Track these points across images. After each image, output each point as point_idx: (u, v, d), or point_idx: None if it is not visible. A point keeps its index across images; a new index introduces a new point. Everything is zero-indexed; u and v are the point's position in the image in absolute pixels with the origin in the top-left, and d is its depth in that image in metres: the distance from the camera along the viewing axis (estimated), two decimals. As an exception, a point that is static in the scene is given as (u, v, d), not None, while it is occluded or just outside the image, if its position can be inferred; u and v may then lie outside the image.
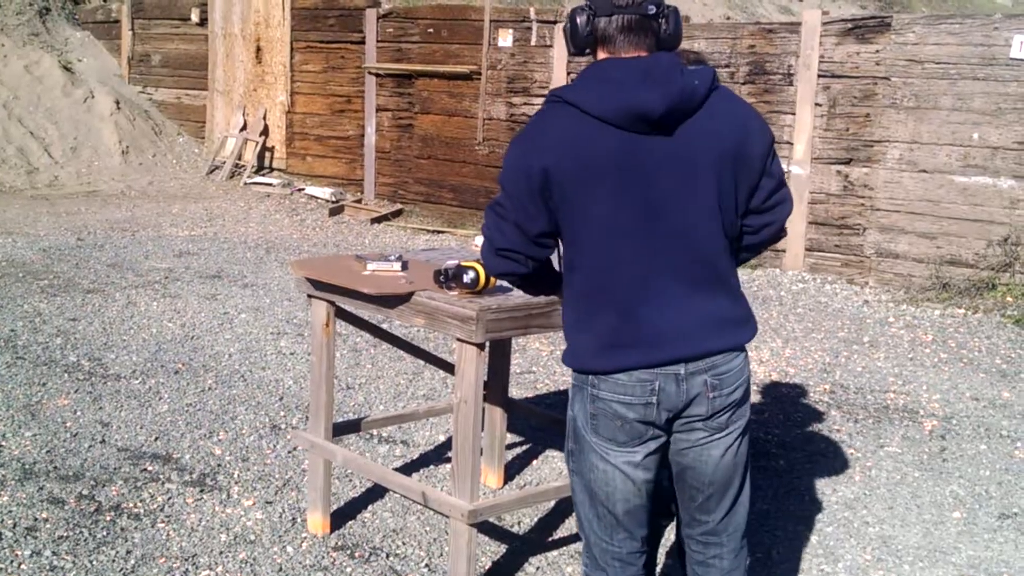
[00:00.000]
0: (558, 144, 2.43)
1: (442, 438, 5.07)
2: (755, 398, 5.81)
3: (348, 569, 3.77)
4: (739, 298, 2.59)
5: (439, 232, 10.98)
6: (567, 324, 2.60)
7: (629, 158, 2.40)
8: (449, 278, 3.28)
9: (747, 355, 2.62)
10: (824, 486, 4.66)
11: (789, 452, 5.05)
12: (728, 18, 22.64)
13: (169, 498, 4.27)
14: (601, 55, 2.49)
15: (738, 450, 2.61)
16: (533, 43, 10.74)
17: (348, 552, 3.89)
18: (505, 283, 3.42)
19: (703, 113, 2.42)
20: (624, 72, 2.40)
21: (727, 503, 2.65)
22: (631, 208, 2.42)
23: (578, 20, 2.48)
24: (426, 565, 3.83)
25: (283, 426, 5.14)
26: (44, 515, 4.04)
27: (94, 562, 3.71)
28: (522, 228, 2.51)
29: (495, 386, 4.42)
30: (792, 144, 9.16)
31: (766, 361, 6.53)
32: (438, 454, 4.90)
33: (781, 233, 2.69)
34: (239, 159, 13.54)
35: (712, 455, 2.57)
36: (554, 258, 2.66)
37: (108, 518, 4.05)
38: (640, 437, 2.53)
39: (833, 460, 4.98)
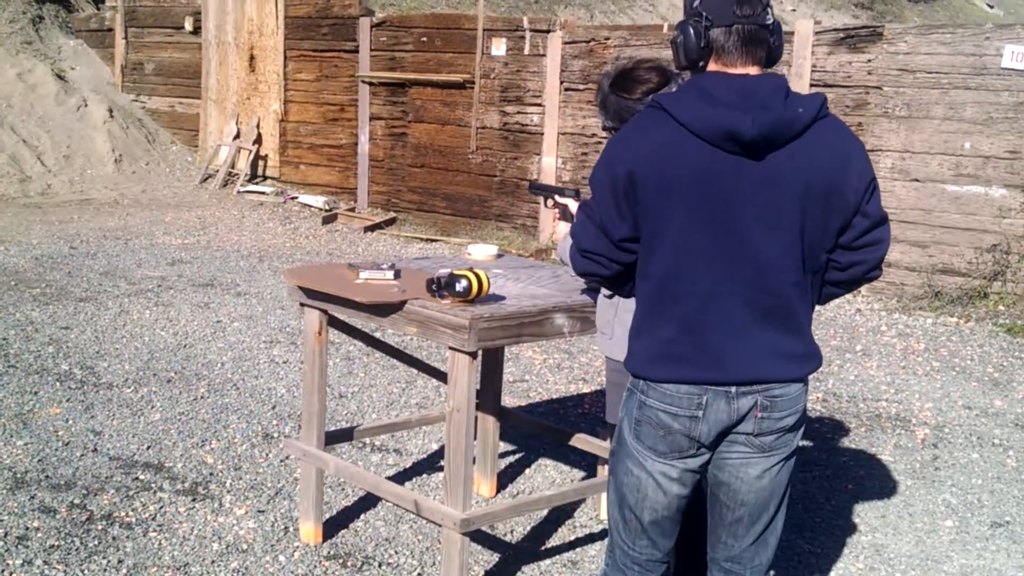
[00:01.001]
0: (648, 151, 2.39)
1: (435, 447, 5.06)
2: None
3: (340, 578, 3.77)
4: (805, 333, 2.52)
5: (432, 241, 10.98)
6: (632, 328, 2.56)
7: (714, 176, 2.36)
8: (442, 287, 3.29)
9: (807, 386, 2.56)
10: (817, 494, 4.67)
11: (782, 461, 5.05)
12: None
13: (161, 507, 4.25)
14: (711, 67, 2.43)
15: (777, 475, 2.56)
16: (527, 52, 10.76)
17: (340, 561, 3.88)
18: (497, 292, 3.43)
19: (803, 142, 2.36)
20: (727, 90, 2.35)
21: (757, 530, 2.61)
22: (708, 227, 2.38)
23: (691, 31, 2.40)
24: (418, 574, 3.82)
25: (275, 435, 5.13)
26: (35, 524, 4.03)
27: (85, 571, 3.70)
28: (606, 231, 2.47)
29: (488, 395, 4.42)
30: (785, 153, 9.17)
31: (759, 370, 6.54)
32: (431, 463, 4.90)
33: (874, 273, 2.61)
34: (232, 167, 13.54)
35: (749, 474, 2.53)
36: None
37: (100, 527, 4.04)
38: (681, 450, 2.50)
39: (826, 468, 4.98)
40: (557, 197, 3.43)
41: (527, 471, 4.86)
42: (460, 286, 3.23)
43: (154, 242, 10.05)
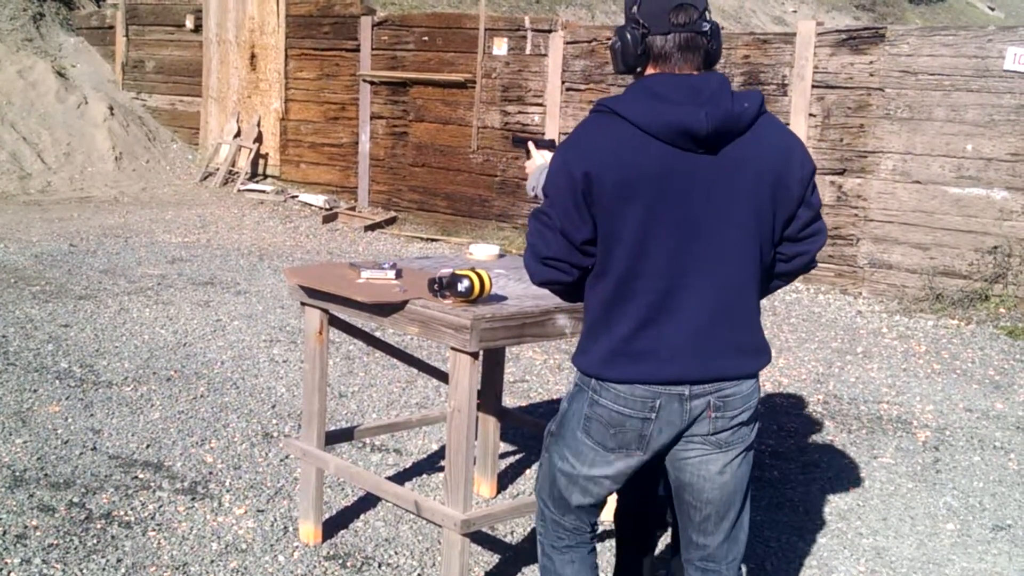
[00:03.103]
0: (602, 152, 2.41)
1: (435, 447, 5.05)
2: (749, 408, 5.81)
3: (340, 578, 3.76)
4: (757, 328, 2.59)
5: (433, 240, 10.97)
6: (585, 327, 2.60)
7: (670, 174, 2.40)
8: (443, 287, 3.27)
9: (758, 381, 2.62)
10: (818, 497, 4.65)
11: (783, 463, 5.04)
12: (722, 28, 22.67)
13: (160, 506, 4.24)
14: (650, 71, 2.48)
15: (737, 469, 2.60)
16: (528, 52, 10.74)
17: (340, 561, 3.87)
18: (499, 292, 3.41)
19: (749, 137, 2.43)
20: (675, 89, 2.40)
21: (726, 526, 2.64)
22: (666, 224, 2.42)
23: (628, 37, 2.46)
24: (418, 575, 3.81)
25: (275, 434, 5.12)
26: (34, 523, 4.02)
27: (84, 570, 3.69)
28: (567, 236, 2.48)
29: (489, 395, 4.40)
30: (786, 154, 9.16)
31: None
32: (431, 463, 4.88)
33: (812, 264, 2.68)
34: (233, 166, 13.52)
35: (710, 470, 2.57)
36: None
37: (99, 526, 4.03)
38: (627, 448, 2.54)
39: (827, 471, 4.97)
40: (531, 145, 3.39)
41: (528, 472, 4.84)
42: (462, 286, 3.22)
43: (154, 240, 10.04)
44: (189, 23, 14.17)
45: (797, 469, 4.98)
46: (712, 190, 2.41)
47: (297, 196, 12.59)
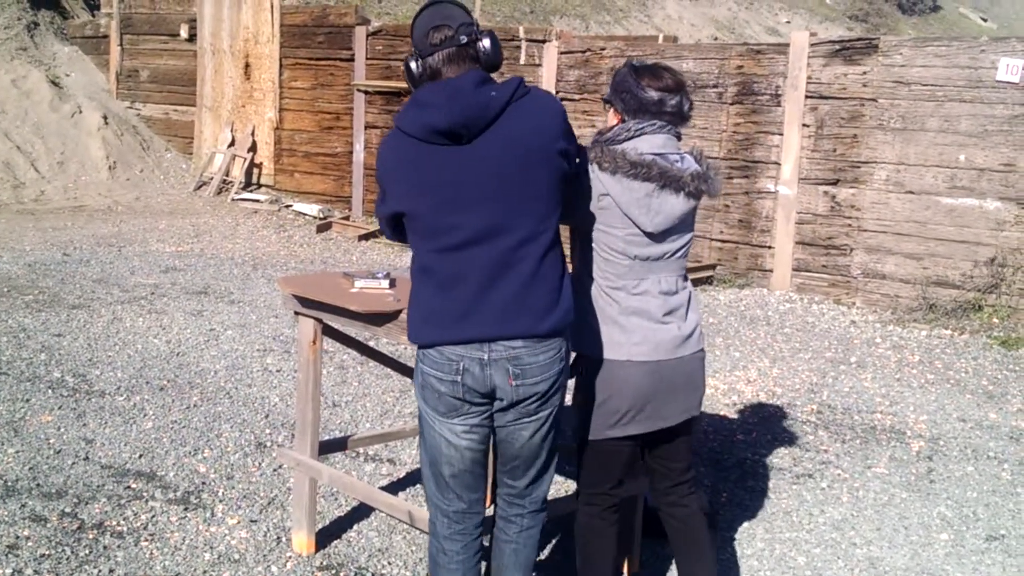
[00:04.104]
0: (392, 161, 2.87)
1: (429, 457, 5.03)
2: (742, 418, 5.81)
3: (333, 589, 3.74)
4: (549, 289, 2.83)
5: (427, 250, 10.94)
6: (408, 303, 2.98)
7: (437, 166, 2.78)
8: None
9: (559, 352, 2.88)
10: (812, 507, 4.65)
11: (776, 473, 5.04)
12: (716, 39, 22.76)
13: (153, 516, 4.23)
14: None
15: (546, 433, 2.96)
16: (522, 62, 10.76)
17: (333, 572, 3.86)
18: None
19: (504, 119, 2.76)
20: (431, 94, 2.79)
21: (532, 473, 3.03)
22: (442, 207, 2.79)
23: (412, 66, 2.90)
24: (412, 585, 3.80)
25: (268, 444, 5.10)
26: (26, 533, 4.00)
27: (76, 581, 3.67)
28: (380, 211, 3.01)
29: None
30: (780, 164, 9.19)
31: (753, 381, 6.53)
32: (424, 473, 4.87)
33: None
34: (227, 175, 13.52)
35: (522, 435, 2.93)
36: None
37: (91, 536, 4.01)
38: (457, 410, 2.87)
39: (820, 481, 4.97)
40: None
41: (521, 482, 4.83)
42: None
43: (148, 249, 10.03)
44: (184, 32, 14.17)
45: (791, 479, 4.97)
46: (474, 172, 2.76)
47: (291, 205, 12.58)
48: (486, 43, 2.84)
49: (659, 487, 3.37)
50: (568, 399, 3.25)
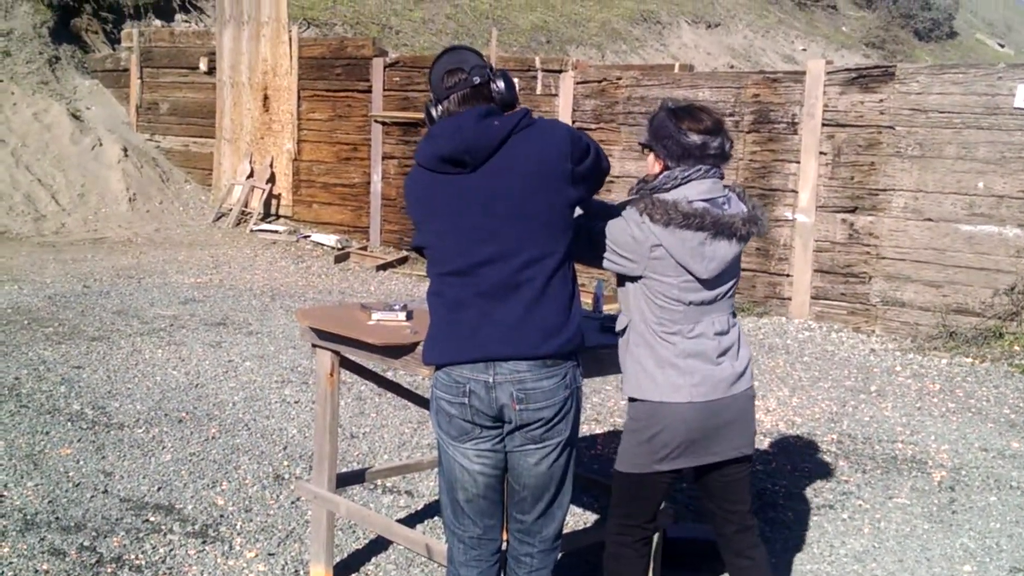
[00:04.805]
0: (415, 194, 3.00)
1: (447, 488, 5.02)
2: (762, 447, 5.77)
3: (351, 623, 3.73)
4: (555, 310, 2.89)
5: (444, 279, 10.95)
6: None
7: (442, 194, 2.91)
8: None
9: (566, 380, 2.91)
10: (833, 538, 4.61)
11: (797, 503, 5.00)
12: (732, 67, 22.79)
13: (171, 550, 4.23)
14: None
15: (553, 463, 2.96)
16: (539, 92, 10.80)
17: (351, 605, 3.84)
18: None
19: (507, 148, 2.86)
20: (440, 127, 2.93)
21: (541, 507, 3.03)
22: (451, 232, 2.90)
23: (432, 111, 3.02)
24: (430, 619, 3.78)
25: (286, 476, 5.10)
26: (45, 567, 4.01)
27: (94, 615, 3.67)
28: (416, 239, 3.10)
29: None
30: (797, 192, 9.18)
31: (773, 410, 6.50)
32: (443, 505, 4.85)
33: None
34: (245, 206, 13.59)
35: (528, 462, 2.95)
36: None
37: (109, 570, 4.01)
38: (467, 433, 2.93)
39: (841, 512, 4.93)
40: None
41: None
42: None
43: (167, 281, 10.08)
44: (203, 65, 14.29)
45: (812, 510, 4.93)
46: (481, 197, 2.86)
47: (309, 236, 12.63)
48: (500, 84, 2.97)
49: (724, 532, 3.34)
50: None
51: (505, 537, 3.15)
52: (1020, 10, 41.99)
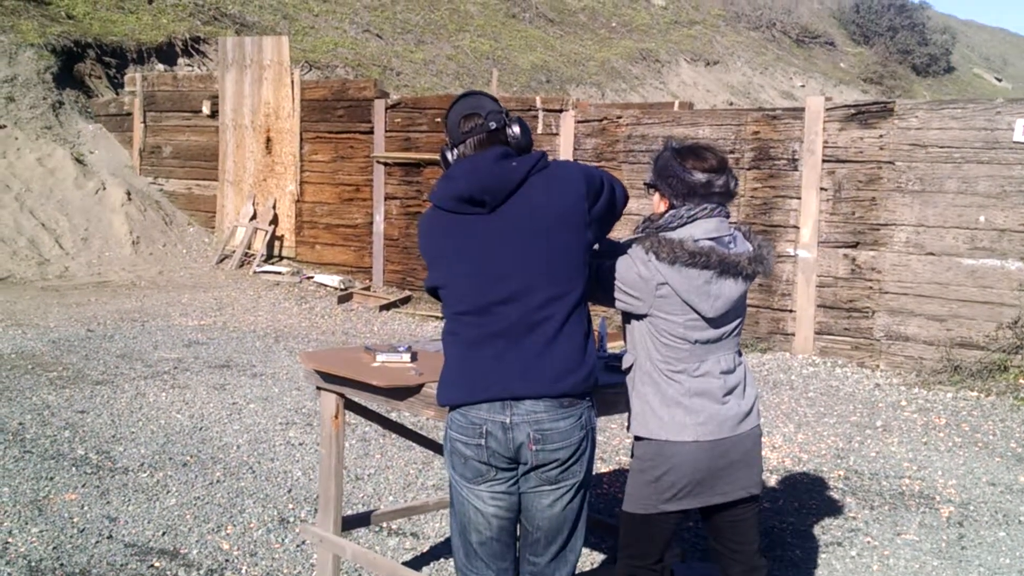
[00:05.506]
0: (431, 235, 3.05)
1: (452, 530, 5.00)
2: (769, 484, 5.75)
3: (358, 668, 3.70)
4: (571, 351, 2.90)
5: (448, 319, 10.95)
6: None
7: (460, 234, 2.94)
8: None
9: (581, 420, 2.92)
10: (841, 576, 4.58)
11: (805, 541, 4.98)
12: (731, 104, 22.92)
13: (176, 595, 4.20)
14: None
15: (567, 504, 2.97)
16: (539, 131, 10.86)
17: (358, 650, 3.81)
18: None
19: (526, 188, 2.90)
20: (457, 168, 2.98)
21: (554, 549, 3.02)
22: (469, 272, 2.92)
23: (448, 155, 3.06)
24: (437, 663, 3.75)
25: (292, 519, 5.08)
26: (49, 614, 3.98)
27: (99, 663, 3.64)
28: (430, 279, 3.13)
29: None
30: (798, 228, 9.20)
31: (779, 447, 6.48)
32: (448, 547, 4.82)
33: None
34: (249, 248, 13.63)
35: (542, 503, 2.96)
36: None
37: (114, 616, 3.99)
38: (483, 475, 2.93)
39: (850, 549, 4.90)
40: None
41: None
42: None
43: (171, 323, 10.09)
44: (206, 109, 14.38)
45: (820, 547, 4.90)
46: (498, 236, 2.89)
47: (312, 277, 12.66)
48: (515, 129, 3.01)
49: (731, 573, 3.32)
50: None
51: None
52: (1016, 44, 42.28)
